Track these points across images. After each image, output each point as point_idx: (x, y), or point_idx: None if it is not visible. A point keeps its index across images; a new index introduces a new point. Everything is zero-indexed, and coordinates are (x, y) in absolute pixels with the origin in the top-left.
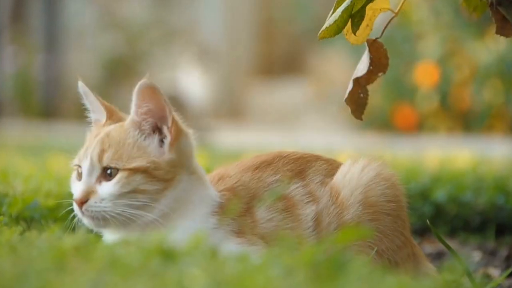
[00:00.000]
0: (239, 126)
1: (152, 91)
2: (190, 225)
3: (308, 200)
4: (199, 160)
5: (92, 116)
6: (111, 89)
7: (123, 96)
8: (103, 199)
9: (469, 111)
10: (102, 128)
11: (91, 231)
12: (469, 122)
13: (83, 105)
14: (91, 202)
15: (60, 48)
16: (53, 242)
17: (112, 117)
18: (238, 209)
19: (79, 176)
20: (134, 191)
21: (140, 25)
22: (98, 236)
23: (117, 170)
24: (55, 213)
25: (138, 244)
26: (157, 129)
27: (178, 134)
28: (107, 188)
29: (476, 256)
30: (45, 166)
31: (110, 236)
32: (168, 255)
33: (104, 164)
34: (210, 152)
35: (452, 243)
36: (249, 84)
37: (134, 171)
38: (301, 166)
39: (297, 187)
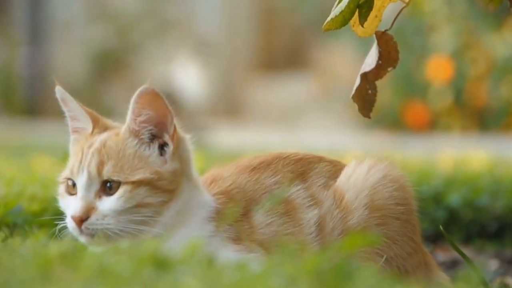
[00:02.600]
0: (237, 125)
1: (154, 97)
2: (186, 233)
3: (310, 204)
4: (196, 162)
5: (73, 124)
6: (100, 85)
7: (113, 92)
8: (105, 216)
9: (485, 109)
10: (91, 137)
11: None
12: (485, 120)
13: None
14: (92, 219)
15: (45, 41)
16: (38, 250)
17: (98, 125)
18: (235, 214)
19: (70, 190)
20: (138, 205)
21: (131, 16)
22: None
23: (119, 183)
24: (40, 219)
25: (129, 252)
26: (156, 137)
27: (179, 141)
28: (109, 204)
29: (493, 264)
30: (29, 168)
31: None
32: (161, 264)
33: (105, 177)
34: (206, 153)
35: (467, 251)
36: (248, 80)
37: (138, 183)
38: (302, 167)
39: (298, 190)
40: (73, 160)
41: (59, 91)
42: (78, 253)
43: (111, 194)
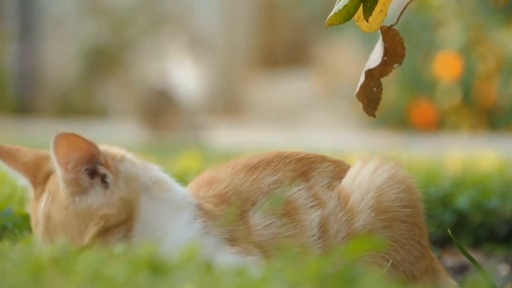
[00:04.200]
0: (236, 124)
1: (70, 139)
2: (174, 236)
3: (312, 204)
4: (193, 163)
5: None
6: (94, 83)
7: (107, 90)
8: None
9: (495, 107)
10: (36, 204)
11: None
12: (494, 119)
13: (62, 100)
14: None
15: (37, 36)
16: (29, 254)
17: (37, 181)
18: (228, 214)
19: None
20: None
21: (126, 11)
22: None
23: None
24: (30, 222)
25: (124, 256)
26: (94, 173)
27: (113, 164)
28: None
29: (503, 269)
30: None
31: None
32: (157, 268)
33: None
34: (204, 153)
35: (476, 255)
36: (248, 77)
37: (92, 242)
38: (304, 166)
39: (299, 189)
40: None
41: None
42: (71, 257)
43: None
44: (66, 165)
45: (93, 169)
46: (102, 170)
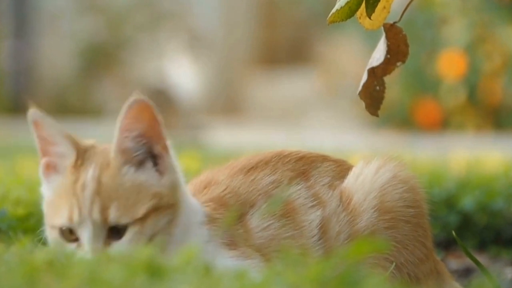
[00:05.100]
0: (236, 123)
1: (144, 108)
2: (185, 240)
3: (312, 204)
4: (192, 163)
5: (48, 148)
6: (90, 81)
7: (103, 88)
8: None
9: (500, 106)
10: (76, 172)
11: None
12: (500, 119)
13: (58, 98)
14: None
15: (32, 34)
16: (24, 257)
17: (81, 153)
18: (228, 218)
19: (68, 236)
20: (151, 238)
21: (123, 7)
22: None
23: (126, 225)
24: (25, 224)
25: (121, 259)
26: (150, 151)
27: (169, 149)
28: (122, 249)
29: (509, 273)
30: (14, 170)
31: None
32: (155, 272)
33: (112, 224)
34: (203, 153)
35: (482, 258)
36: (248, 76)
37: (145, 218)
38: (304, 166)
39: (299, 189)
40: (64, 202)
41: (36, 114)
42: (66, 260)
43: (120, 238)
44: (129, 133)
45: (150, 146)
46: (157, 150)
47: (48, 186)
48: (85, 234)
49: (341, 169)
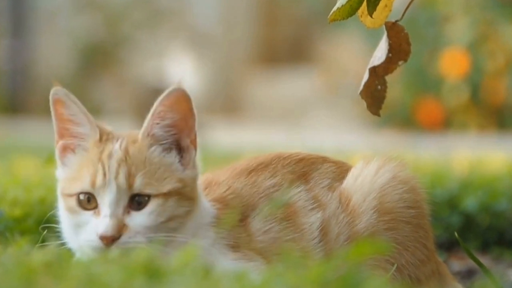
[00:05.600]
0: (236, 123)
1: (182, 99)
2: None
3: (312, 207)
4: None
5: (72, 128)
6: (88, 80)
7: (101, 87)
8: (137, 233)
9: (503, 106)
10: (103, 145)
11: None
12: (503, 118)
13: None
14: (124, 238)
15: (29, 32)
16: (21, 258)
17: (104, 132)
18: (232, 221)
19: (85, 205)
20: (169, 219)
21: (121, 5)
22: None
23: (149, 196)
24: (23, 224)
25: (119, 261)
26: (177, 143)
27: (195, 146)
28: (140, 220)
29: None
30: (11, 170)
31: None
32: (153, 273)
33: (136, 191)
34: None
35: (484, 259)
36: (248, 75)
37: (168, 195)
38: (304, 168)
39: (299, 192)
40: (86, 171)
41: (61, 92)
42: (63, 261)
43: (140, 209)
44: (161, 120)
45: (179, 138)
46: (186, 143)
47: (64, 168)
48: (107, 198)
49: (341, 170)
